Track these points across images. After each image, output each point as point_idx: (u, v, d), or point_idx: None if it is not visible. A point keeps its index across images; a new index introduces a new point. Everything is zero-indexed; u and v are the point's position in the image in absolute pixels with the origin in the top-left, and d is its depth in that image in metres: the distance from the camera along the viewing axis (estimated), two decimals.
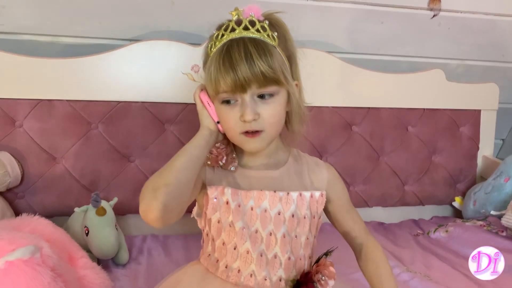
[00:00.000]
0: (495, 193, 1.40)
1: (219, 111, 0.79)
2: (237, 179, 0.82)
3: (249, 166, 0.84)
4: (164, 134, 1.34)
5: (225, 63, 0.73)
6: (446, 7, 1.48)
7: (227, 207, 0.79)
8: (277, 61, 0.75)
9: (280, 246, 0.79)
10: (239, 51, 0.73)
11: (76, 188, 1.28)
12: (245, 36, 0.75)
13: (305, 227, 0.81)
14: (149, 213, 0.68)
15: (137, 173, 1.32)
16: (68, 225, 1.18)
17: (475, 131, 1.60)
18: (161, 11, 1.33)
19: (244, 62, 0.72)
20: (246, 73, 0.72)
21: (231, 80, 0.73)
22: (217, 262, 0.80)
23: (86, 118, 1.28)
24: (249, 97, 0.75)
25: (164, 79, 1.32)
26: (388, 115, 1.51)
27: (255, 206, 0.79)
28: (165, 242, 1.31)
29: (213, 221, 0.80)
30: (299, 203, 0.81)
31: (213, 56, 0.76)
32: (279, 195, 0.80)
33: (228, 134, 0.80)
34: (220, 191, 0.80)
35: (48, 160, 1.25)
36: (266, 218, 0.79)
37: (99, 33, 1.34)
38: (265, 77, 0.73)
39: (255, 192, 0.80)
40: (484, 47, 1.62)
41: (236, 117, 0.76)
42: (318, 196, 0.83)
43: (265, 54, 0.73)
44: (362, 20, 1.46)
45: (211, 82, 0.76)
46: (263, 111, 0.76)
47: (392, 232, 1.45)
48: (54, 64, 1.25)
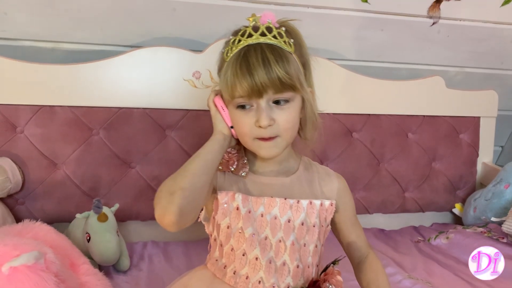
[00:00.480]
0: (495, 199, 1.40)
1: (234, 116, 0.79)
2: (247, 185, 0.82)
3: (259, 172, 0.84)
4: (165, 141, 1.34)
5: (242, 68, 0.74)
6: (445, 15, 1.49)
7: (237, 213, 0.79)
8: (293, 67, 0.75)
9: (289, 254, 0.78)
10: (256, 56, 0.73)
11: (77, 194, 1.27)
12: (262, 42, 0.75)
13: (314, 236, 0.81)
14: (165, 217, 0.69)
15: (138, 179, 1.32)
16: (68, 231, 1.18)
17: (474, 138, 1.61)
18: (162, 18, 1.34)
19: (262, 67, 0.73)
20: (263, 78, 0.73)
21: (248, 85, 0.73)
22: (225, 268, 0.80)
23: (87, 124, 1.27)
24: (265, 102, 0.75)
25: (165, 86, 1.32)
26: (388, 122, 1.52)
27: (265, 213, 0.79)
28: (165, 249, 1.30)
29: (222, 227, 0.80)
30: (309, 211, 0.81)
31: (230, 61, 0.76)
32: (290, 203, 0.80)
33: (242, 140, 0.80)
34: (231, 196, 0.80)
35: (49, 166, 1.25)
36: (276, 225, 0.79)
37: (101, 40, 1.34)
38: (281, 83, 0.74)
39: (265, 198, 0.80)
40: (483, 55, 1.63)
41: (251, 122, 0.76)
42: (327, 205, 0.83)
43: (282, 60, 0.74)
44: (362, 28, 1.47)
45: (227, 87, 0.76)
46: (278, 117, 0.76)
47: (392, 239, 1.45)
48: (55, 70, 1.25)
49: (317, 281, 0.80)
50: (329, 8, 1.41)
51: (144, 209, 1.33)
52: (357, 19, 1.45)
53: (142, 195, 1.33)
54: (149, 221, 1.36)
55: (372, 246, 1.30)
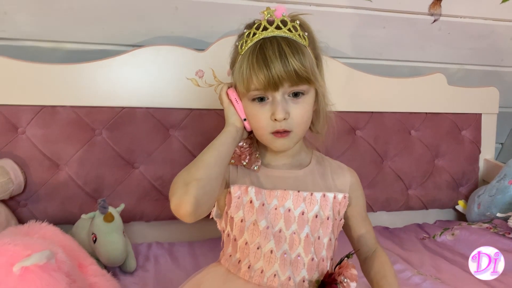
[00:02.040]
0: (499, 195, 1.40)
1: (249, 109, 0.79)
2: (260, 178, 0.82)
3: (272, 166, 0.84)
4: (169, 140, 1.33)
5: (258, 61, 0.74)
6: (446, 12, 1.50)
7: (250, 206, 0.78)
8: (308, 60, 0.76)
9: (304, 247, 0.78)
10: (273, 49, 0.73)
11: (80, 195, 1.25)
12: (277, 35, 0.75)
13: (328, 228, 0.81)
14: (181, 207, 0.68)
15: (142, 179, 1.31)
16: (72, 233, 1.16)
17: (476, 135, 1.61)
18: (164, 17, 1.33)
19: (278, 60, 0.73)
20: (280, 71, 0.73)
21: (264, 77, 0.73)
22: (239, 263, 0.79)
23: (90, 124, 1.26)
24: (280, 95, 0.76)
25: (168, 85, 1.31)
26: (391, 119, 1.51)
27: (278, 206, 0.79)
28: (170, 249, 1.29)
29: (235, 220, 0.79)
30: (323, 204, 0.81)
31: (245, 54, 0.76)
32: (303, 195, 0.80)
33: (257, 133, 0.80)
34: (244, 190, 0.79)
35: (51, 167, 1.23)
36: (290, 218, 0.78)
37: (102, 39, 1.33)
38: (297, 75, 0.74)
39: (278, 191, 0.79)
40: (483, 52, 1.63)
41: (267, 116, 0.76)
42: (341, 198, 0.83)
43: (297, 53, 0.74)
44: (364, 25, 1.47)
45: (243, 79, 0.76)
46: (293, 111, 0.76)
47: (397, 236, 1.44)
48: (57, 70, 1.23)
49: (332, 274, 0.79)
50: (331, 6, 1.41)
51: (148, 209, 1.31)
52: (359, 16, 1.45)
53: (146, 195, 1.31)
54: (153, 222, 1.34)
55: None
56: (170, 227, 1.37)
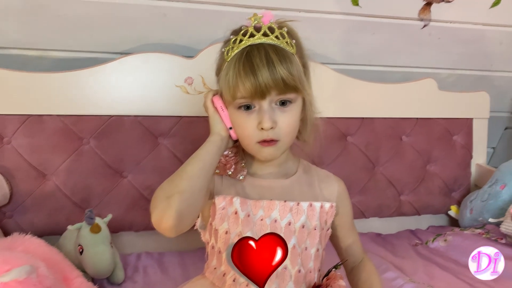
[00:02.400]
0: (491, 200, 1.39)
1: (235, 118, 0.77)
2: (246, 189, 0.80)
3: (258, 175, 0.82)
4: (158, 148, 1.31)
5: (245, 68, 0.72)
6: (435, 17, 1.49)
7: (235, 217, 0.76)
8: (296, 68, 0.74)
9: (290, 258, 0.76)
10: (260, 56, 0.72)
11: (68, 206, 1.23)
12: (264, 42, 0.74)
13: (315, 239, 0.79)
14: (163, 222, 0.67)
15: (130, 189, 1.29)
16: (59, 244, 1.14)
17: (468, 140, 1.61)
18: (153, 24, 1.31)
19: (266, 68, 0.71)
20: (267, 79, 0.71)
21: (251, 86, 0.72)
22: (224, 276, 0.77)
23: (77, 133, 1.24)
24: (268, 104, 0.74)
25: (157, 92, 1.30)
26: (382, 125, 1.51)
27: (265, 216, 0.77)
28: (160, 260, 1.27)
29: (220, 232, 0.78)
30: (310, 214, 0.79)
31: (231, 61, 0.75)
32: (289, 205, 0.78)
33: (243, 142, 0.79)
34: (229, 200, 0.77)
35: (38, 177, 1.21)
36: (276, 229, 0.77)
37: (90, 47, 1.32)
38: (285, 84, 0.72)
39: (265, 201, 0.78)
40: (473, 57, 1.63)
41: (254, 125, 0.75)
42: (328, 208, 0.82)
43: (285, 61, 0.73)
44: (354, 31, 1.47)
45: (229, 87, 0.74)
46: (280, 120, 0.75)
47: (390, 243, 1.43)
48: (43, 78, 1.21)
49: (320, 286, 0.78)
50: (320, 12, 1.41)
51: (137, 219, 1.29)
52: (349, 22, 1.44)
53: (134, 205, 1.29)
54: (142, 231, 1.32)
55: (370, 251, 1.30)
56: (160, 237, 1.32)
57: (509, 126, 1.87)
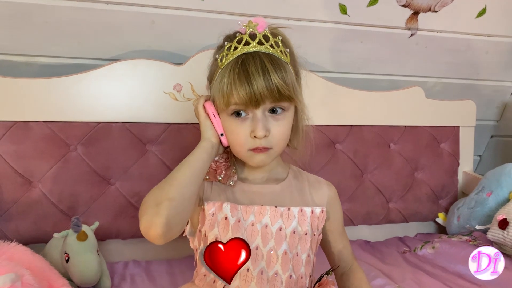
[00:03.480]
0: (478, 208, 1.41)
1: (227, 125, 0.77)
2: (236, 194, 0.80)
3: (248, 180, 0.82)
4: (146, 156, 1.30)
5: (240, 77, 0.72)
6: (422, 26, 1.51)
7: (225, 223, 0.76)
8: (290, 77, 0.75)
9: (281, 264, 0.76)
10: (255, 65, 0.72)
11: (54, 213, 1.21)
12: (259, 50, 0.74)
13: (306, 244, 0.79)
14: (152, 229, 0.66)
15: (118, 196, 1.27)
16: (45, 252, 1.12)
17: (455, 147, 1.62)
18: (141, 30, 1.31)
19: (261, 77, 0.71)
20: (262, 88, 0.72)
21: (246, 94, 0.72)
22: (214, 283, 0.77)
23: (64, 139, 1.23)
24: (261, 112, 0.74)
25: (146, 99, 1.29)
26: (370, 133, 1.52)
27: (255, 222, 0.77)
28: (148, 268, 1.25)
29: (210, 239, 0.77)
30: (300, 219, 0.79)
31: (226, 68, 0.75)
32: (280, 210, 0.78)
33: (235, 149, 0.79)
34: (218, 206, 0.77)
35: (23, 184, 1.19)
36: (267, 234, 0.77)
37: (78, 53, 1.31)
38: (279, 93, 0.73)
39: (255, 207, 0.77)
40: (459, 66, 1.66)
41: (247, 132, 0.75)
42: (319, 213, 0.82)
43: (280, 70, 0.73)
44: (342, 40, 1.48)
45: (223, 94, 0.74)
46: (273, 128, 0.75)
47: (379, 250, 1.43)
48: (30, 84, 1.20)
49: None
50: (309, 20, 1.42)
51: (124, 227, 1.28)
52: (337, 31, 1.45)
53: (122, 212, 1.28)
54: (129, 239, 1.31)
55: (359, 258, 1.30)
56: (147, 245, 1.32)
57: (495, 134, 1.89)
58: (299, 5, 1.38)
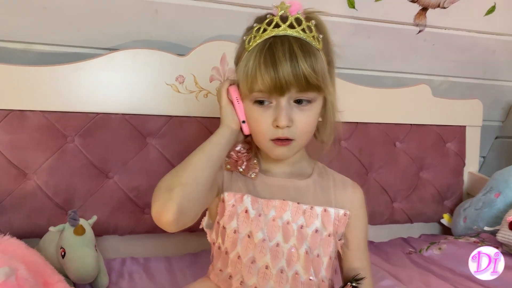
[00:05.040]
0: (486, 209, 1.37)
1: (250, 112, 0.73)
2: (257, 187, 0.76)
3: (271, 173, 0.78)
4: (146, 148, 1.26)
5: (266, 61, 0.67)
6: (431, 23, 1.48)
7: (246, 216, 0.72)
8: (320, 66, 0.69)
9: (303, 264, 0.72)
10: (283, 50, 0.67)
11: (49, 207, 1.17)
12: (289, 34, 0.69)
13: (329, 246, 0.75)
14: (163, 215, 0.62)
15: (116, 190, 1.23)
16: (40, 247, 1.07)
17: (461, 147, 1.59)
18: (143, 20, 1.27)
19: (288, 62, 0.67)
20: (288, 75, 0.67)
21: (270, 80, 0.67)
22: (230, 278, 0.72)
23: (61, 130, 1.18)
24: (286, 101, 0.70)
25: (147, 90, 1.25)
26: (376, 130, 1.48)
27: (276, 217, 0.72)
28: (146, 265, 1.21)
29: (228, 231, 0.73)
30: (324, 219, 0.75)
31: (252, 51, 0.70)
32: (303, 208, 0.74)
33: (256, 138, 0.75)
34: (239, 198, 0.73)
35: (18, 176, 1.14)
36: (288, 231, 0.72)
37: (77, 42, 1.26)
38: (307, 82, 0.68)
39: (277, 201, 0.73)
40: (466, 64, 1.63)
41: (269, 121, 0.70)
42: (341, 215, 0.77)
43: (309, 57, 0.68)
44: (349, 35, 1.44)
45: (247, 79, 0.69)
46: (298, 119, 0.70)
47: (383, 251, 1.40)
48: (27, 72, 1.15)
49: None
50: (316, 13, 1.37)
51: (122, 222, 1.23)
52: (345, 25, 1.42)
53: (120, 207, 1.23)
54: (127, 235, 1.26)
55: None
56: (146, 241, 1.29)
57: (500, 135, 1.87)
58: None
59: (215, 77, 1.28)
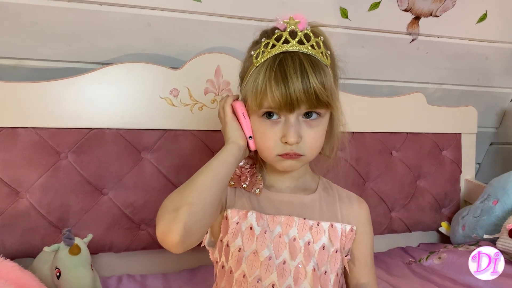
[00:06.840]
0: (484, 216, 1.37)
1: (257, 127, 0.72)
2: (261, 203, 0.75)
3: (275, 188, 0.77)
4: (141, 163, 1.24)
5: (276, 77, 0.66)
6: (424, 31, 1.48)
7: (251, 233, 0.70)
8: (329, 82, 0.69)
9: (310, 282, 0.70)
10: (294, 66, 0.66)
11: (43, 226, 1.14)
12: (299, 50, 0.68)
13: (336, 263, 0.73)
14: (169, 236, 0.60)
15: (111, 206, 1.21)
16: (33, 267, 1.04)
17: (457, 155, 1.59)
18: (136, 33, 1.25)
19: (299, 79, 0.66)
20: (299, 91, 0.66)
21: (281, 96, 0.66)
22: None
23: (54, 147, 1.16)
24: (295, 117, 0.69)
25: (141, 104, 1.23)
26: (372, 140, 1.48)
27: (283, 233, 0.71)
28: (143, 283, 1.18)
29: (232, 250, 0.71)
30: (331, 235, 0.73)
31: (262, 66, 0.69)
32: (309, 224, 0.72)
33: (263, 154, 0.73)
34: (243, 215, 0.71)
35: (10, 194, 1.12)
36: (295, 248, 0.71)
37: (69, 57, 1.25)
38: (317, 98, 0.67)
39: (283, 217, 0.72)
40: (460, 72, 1.63)
41: (277, 136, 0.69)
42: (348, 230, 0.76)
43: (319, 73, 0.67)
44: (343, 45, 1.44)
45: (256, 95, 0.68)
46: (306, 135, 0.70)
47: (383, 261, 1.38)
48: (18, 88, 1.13)
49: None
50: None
51: (118, 239, 1.21)
52: (338, 35, 1.42)
53: (115, 224, 1.21)
54: (123, 252, 1.24)
55: None
56: (142, 258, 1.27)
57: (494, 141, 1.87)
58: (300, 8, 1.33)
59: (210, 90, 1.27)
